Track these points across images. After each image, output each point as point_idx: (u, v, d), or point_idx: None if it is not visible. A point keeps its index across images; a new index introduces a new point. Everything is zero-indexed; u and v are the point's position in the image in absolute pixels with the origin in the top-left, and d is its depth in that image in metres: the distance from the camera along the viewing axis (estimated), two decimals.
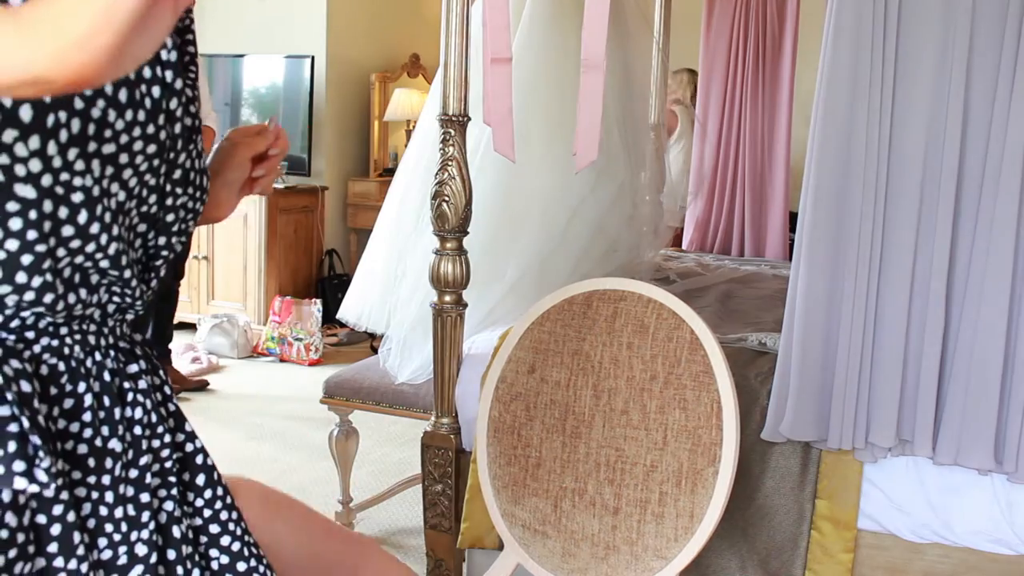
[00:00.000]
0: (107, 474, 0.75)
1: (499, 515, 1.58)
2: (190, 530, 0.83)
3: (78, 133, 0.69)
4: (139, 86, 0.73)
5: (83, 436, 0.74)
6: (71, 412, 0.74)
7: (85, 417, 0.74)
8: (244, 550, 0.86)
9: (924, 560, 1.79)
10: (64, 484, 0.71)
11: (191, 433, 0.86)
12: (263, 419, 3.88)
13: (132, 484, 0.77)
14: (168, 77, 0.76)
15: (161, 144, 0.76)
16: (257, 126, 1.02)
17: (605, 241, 2.80)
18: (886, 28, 1.63)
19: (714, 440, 1.45)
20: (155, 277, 0.83)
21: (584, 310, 1.57)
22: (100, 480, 0.74)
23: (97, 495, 0.74)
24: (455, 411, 2.10)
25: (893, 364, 1.69)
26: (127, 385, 0.79)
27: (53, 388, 0.73)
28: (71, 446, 0.73)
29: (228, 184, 1.00)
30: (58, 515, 0.71)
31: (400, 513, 3.01)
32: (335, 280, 5.46)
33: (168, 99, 0.76)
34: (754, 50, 4.05)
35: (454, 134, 2.01)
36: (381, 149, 5.90)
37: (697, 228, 4.24)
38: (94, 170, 0.71)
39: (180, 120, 0.79)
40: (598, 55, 1.87)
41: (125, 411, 0.78)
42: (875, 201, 1.67)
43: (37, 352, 0.73)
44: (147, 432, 0.79)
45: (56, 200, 0.69)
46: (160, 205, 0.80)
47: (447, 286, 2.04)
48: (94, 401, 0.75)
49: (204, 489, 0.84)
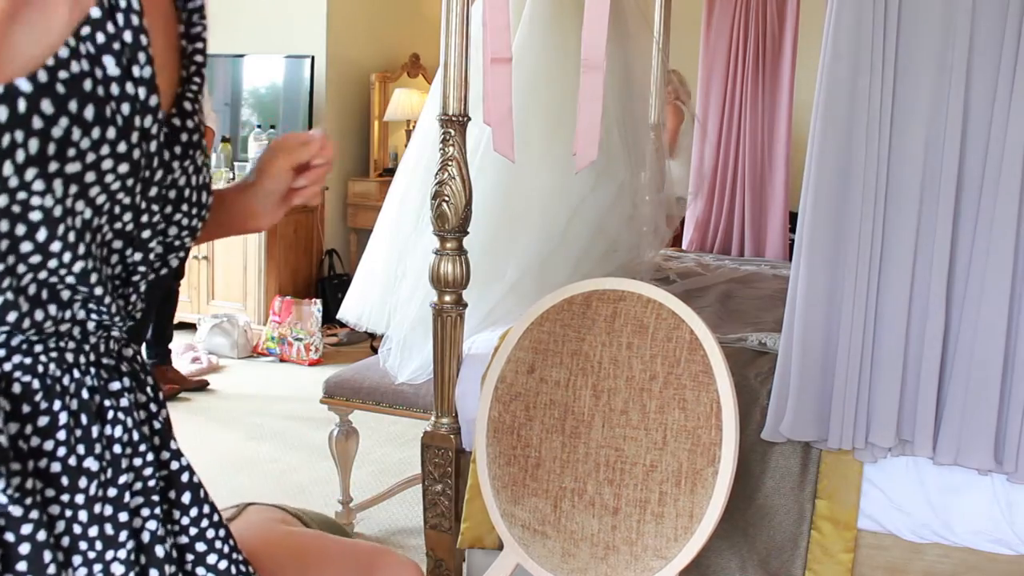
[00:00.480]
0: (81, 493, 0.73)
1: (499, 515, 1.58)
2: (174, 549, 0.81)
3: (36, 153, 0.65)
4: (108, 103, 0.69)
5: (57, 455, 0.72)
6: (45, 430, 0.72)
7: (59, 435, 0.73)
8: (231, 568, 0.85)
9: (924, 560, 1.79)
10: (34, 503, 0.70)
11: (177, 451, 0.84)
12: (263, 419, 3.88)
13: (110, 503, 0.75)
14: (141, 95, 0.72)
15: (135, 163, 0.73)
16: (303, 135, 0.97)
17: (605, 241, 2.80)
18: (886, 28, 1.63)
19: (713, 440, 1.45)
20: (135, 293, 0.80)
21: (583, 310, 1.57)
22: (74, 499, 0.73)
23: (71, 513, 0.73)
24: (455, 411, 2.10)
25: (893, 364, 1.69)
26: (108, 403, 0.77)
27: (26, 406, 0.72)
28: (44, 464, 0.72)
29: (267, 195, 0.97)
30: (27, 534, 0.69)
31: (400, 513, 3.01)
32: (335, 280, 5.46)
33: (142, 117, 0.72)
34: (754, 50, 4.04)
35: (454, 134, 2.01)
36: (381, 149, 5.90)
37: (697, 228, 4.24)
38: (55, 190, 0.67)
39: (156, 137, 0.75)
40: (598, 55, 1.87)
41: (104, 429, 0.76)
42: (875, 201, 1.66)
43: (8, 370, 0.71)
44: (128, 451, 0.78)
45: (13, 219, 0.66)
46: (135, 223, 0.77)
47: (447, 286, 2.04)
48: (70, 419, 0.73)
49: (190, 507, 0.83)
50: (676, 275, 3.22)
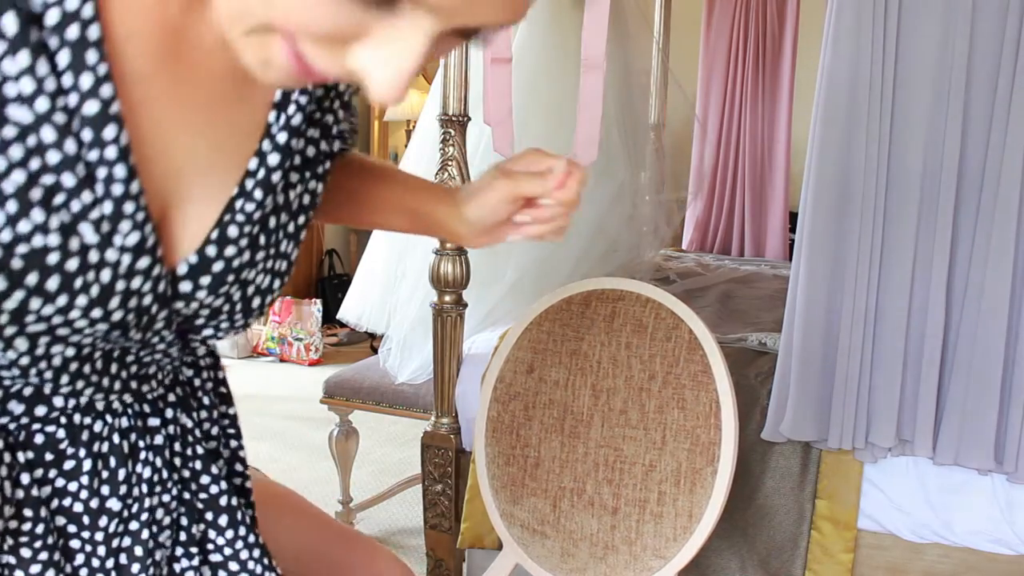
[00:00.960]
0: (101, 531, 0.72)
1: (498, 515, 1.58)
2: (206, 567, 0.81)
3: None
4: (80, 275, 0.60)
5: (80, 496, 0.71)
6: (71, 472, 0.71)
7: (83, 480, 0.71)
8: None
9: (924, 560, 1.79)
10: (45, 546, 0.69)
11: (218, 475, 0.81)
12: (263, 419, 3.88)
13: (129, 535, 0.75)
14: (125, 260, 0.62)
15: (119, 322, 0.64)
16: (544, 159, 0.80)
17: (605, 241, 2.80)
18: (886, 28, 1.63)
19: (713, 440, 1.45)
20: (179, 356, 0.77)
21: (583, 310, 1.57)
22: (94, 536, 0.72)
23: (91, 548, 0.72)
24: (455, 411, 2.10)
25: (893, 364, 1.69)
26: (140, 444, 0.75)
27: (49, 454, 0.70)
28: (69, 503, 0.71)
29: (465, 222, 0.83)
30: (35, 574, 0.69)
31: (400, 513, 3.01)
32: (335, 280, 5.46)
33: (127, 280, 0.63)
34: (754, 50, 4.05)
35: (454, 134, 2.01)
36: (381, 149, 5.90)
37: (697, 228, 4.25)
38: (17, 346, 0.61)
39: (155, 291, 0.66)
40: (598, 55, 1.87)
41: (135, 468, 0.74)
42: (875, 201, 1.66)
43: (25, 423, 0.69)
44: (156, 488, 0.76)
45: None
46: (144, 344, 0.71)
47: (447, 286, 2.04)
48: (96, 463, 0.72)
49: (226, 529, 0.81)
50: (676, 275, 3.22)
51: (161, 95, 0.62)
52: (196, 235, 0.68)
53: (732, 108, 4.10)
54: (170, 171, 0.65)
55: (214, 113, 0.66)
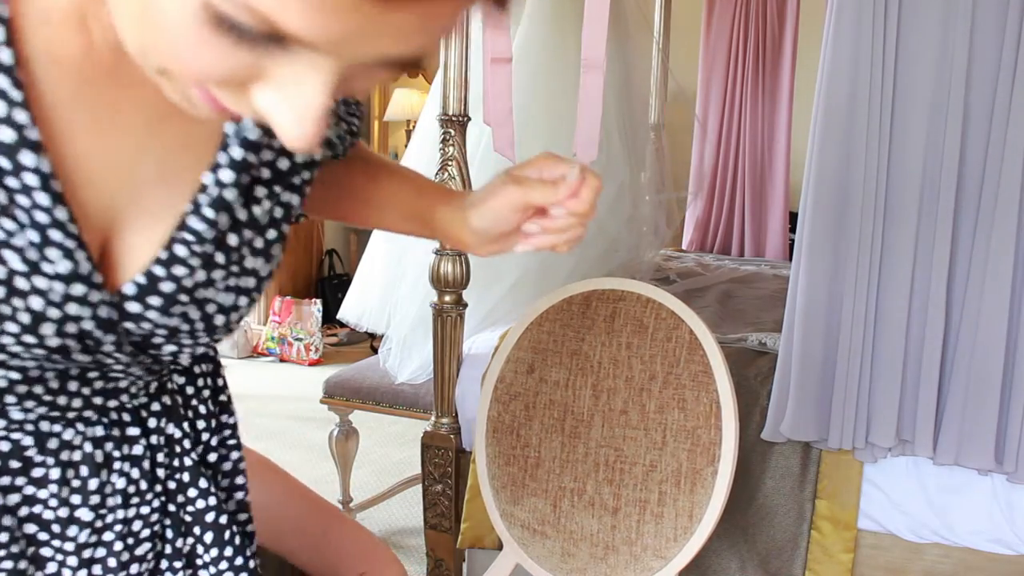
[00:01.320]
0: (71, 541, 0.71)
1: (498, 515, 1.58)
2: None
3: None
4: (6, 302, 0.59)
5: (49, 504, 0.70)
6: (39, 480, 0.69)
7: (52, 488, 0.70)
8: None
9: (924, 560, 1.79)
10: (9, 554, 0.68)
11: (206, 489, 0.79)
12: (263, 419, 3.88)
13: (104, 547, 0.73)
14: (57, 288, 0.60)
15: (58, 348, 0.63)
16: (558, 164, 0.74)
17: (605, 241, 2.80)
18: (886, 28, 1.63)
19: (713, 440, 1.45)
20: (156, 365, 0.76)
21: (583, 310, 1.57)
22: (64, 546, 0.71)
23: (61, 558, 0.71)
24: (455, 411, 2.11)
25: (893, 364, 1.69)
26: (116, 453, 0.73)
27: (15, 462, 0.68)
28: (39, 510, 0.70)
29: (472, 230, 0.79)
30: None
31: (400, 513, 3.01)
32: (335, 280, 5.46)
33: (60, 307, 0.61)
34: (754, 50, 4.05)
35: (454, 134, 2.01)
36: (381, 149, 5.91)
37: (697, 228, 4.25)
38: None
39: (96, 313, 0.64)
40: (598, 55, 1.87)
41: (109, 478, 0.72)
42: (875, 201, 1.67)
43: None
44: (133, 500, 0.74)
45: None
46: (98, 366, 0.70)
47: (447, 286, 2.04)
48: (64, 472, 0.70)
49: (211, 547, 0.80)
50: (676, 275, 3.22)
51: (91, 120, 0.60)
52: (145, 255, 0.65)
53: (732, 108, 4.10)
54: (109, 193, 0.63)
55: (163, 127, 0.64)
